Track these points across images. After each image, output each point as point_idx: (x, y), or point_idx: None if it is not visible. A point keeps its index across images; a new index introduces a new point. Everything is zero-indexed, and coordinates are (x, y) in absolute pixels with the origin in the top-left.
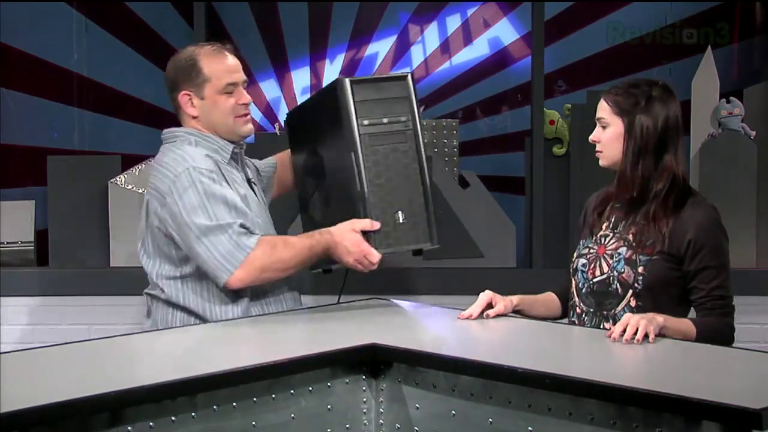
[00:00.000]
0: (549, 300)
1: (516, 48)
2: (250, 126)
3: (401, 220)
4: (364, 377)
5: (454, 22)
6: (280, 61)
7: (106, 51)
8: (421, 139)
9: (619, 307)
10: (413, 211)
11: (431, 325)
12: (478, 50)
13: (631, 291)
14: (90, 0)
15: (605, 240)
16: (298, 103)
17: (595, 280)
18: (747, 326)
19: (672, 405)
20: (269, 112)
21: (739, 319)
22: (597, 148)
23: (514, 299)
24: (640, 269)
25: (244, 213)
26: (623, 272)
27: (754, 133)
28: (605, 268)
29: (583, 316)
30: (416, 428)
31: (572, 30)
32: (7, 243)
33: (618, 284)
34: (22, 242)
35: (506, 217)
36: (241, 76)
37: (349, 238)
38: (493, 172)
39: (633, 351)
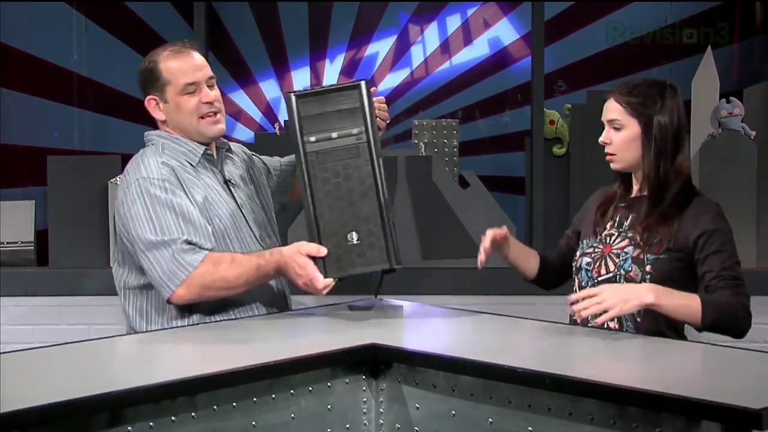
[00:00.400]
0: (532, 256)
1: (516, 48)
2: (219, 126)
3: (355, 241)
4: (364, 377)
5: (454, 22)
6: (280, 61)
7: (106, 51)
8: (376, 153)
9: None
10: (369, 231)
11: (431, 325)
12: (478, 50)
13: None
14: (90, 0)
15: (610, 239)
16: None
17: (600, 278)
18: None
19: (672, 405)
20: (269, 112)
21: None
22: (608, 151)
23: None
24: (648, 268)
25: (195, 225)
26: (630, 271)
27: (754, 133)
28: (611, 267)
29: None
30: (416, 428)
31: (572, 30)
32: (7, 243)
33: (625, 283)
34: (22, 242)
35: (506, 217)
36: (203, 75)
37: (298, 261)
38: (493, 172)
39: (633, 351)
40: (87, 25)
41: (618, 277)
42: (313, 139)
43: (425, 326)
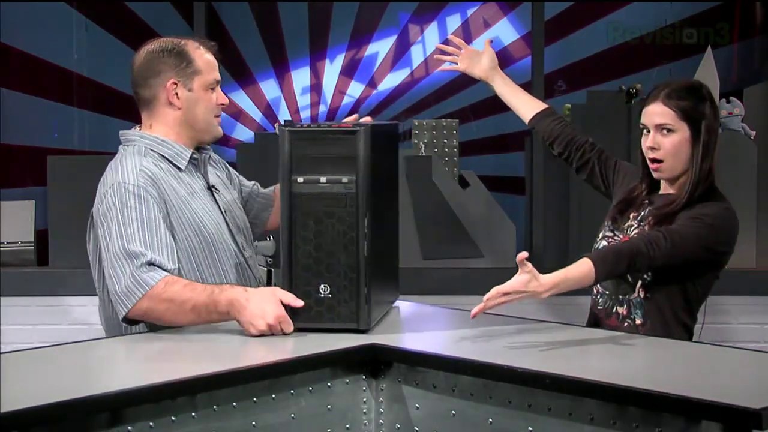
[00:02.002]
0: (535, 105)
1: (516, 48)
2: (221, 129)
3: (323, 295)
4: (364, 377)
5: (454, 22)
6: (280, 61)
7: (106, 51)
8: (364, 205)
9: (634, 295)
10: (342, 286)
11: (431, 325)
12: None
13: (640, 282)
14: (90, 0)
15: (630, 230)
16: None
17: None
18: (747, 326)
19: (672, 405)
20: (269, 112)
21: (738, 319)
22: (656, 156)
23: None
24: None
25: (162, 243)
26: None
27: (754, 133)
28: None
29: (598, 297)
30: (416, 428)
31: (572, 30)
32: (7, 243)
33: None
34: (22, 242)
35: (506, 217)
36: (217, 72)
37: (271, 302)
38: (493, 172)
39: (633, 351)
40: (87, 25)
41: None
42: (300, 180)
43: (425, 326)
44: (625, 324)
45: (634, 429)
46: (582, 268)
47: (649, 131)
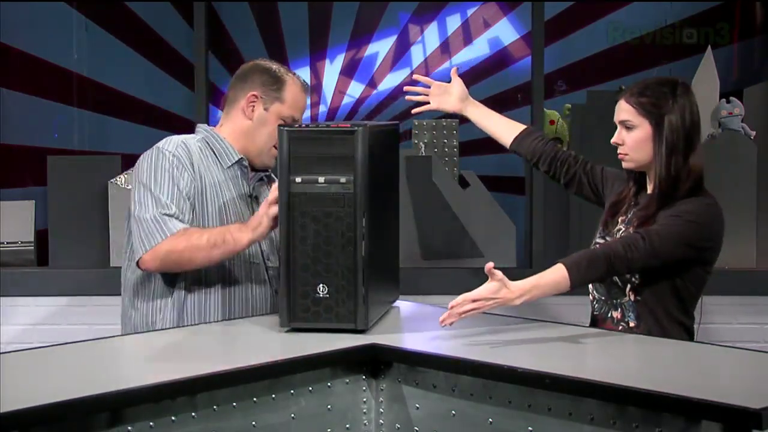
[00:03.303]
0: (513, 128)
1: (516, 48)
2: (274, 162)
3: (323, 295)
4: (364, 377)
5: (454, 22)
6: (280, 61)
7: (106, 51)
8: (362, 205)
9: (625, 298)
10: (339, 287)
11: (431, 325)
12: (478, 50)
13: (629, 285)
14: (90, 0)
15: (619, 234)
16: None
17: None
18: (747, 326)
19: (672, 405)
20: None
21: (738, 319)
22: (621, 151)
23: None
24: None
25: (187, 206)
26: None
27: (754, 133)
28: None
29: (594, 302)
30: (416, 428)
31: (572, 30)
32: (7, 243)
33: (618, 277)
34: (22, 242)
35: (506, 217)
36: (301, 118)
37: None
38: (493, 172)
39: (633, 351)
40: (87, 25)
41: None
42: (298, 179)
43: (425, 326)
44: (620, 327)
45: (634, 429)
46: (555, 274)
47: (617, 127)
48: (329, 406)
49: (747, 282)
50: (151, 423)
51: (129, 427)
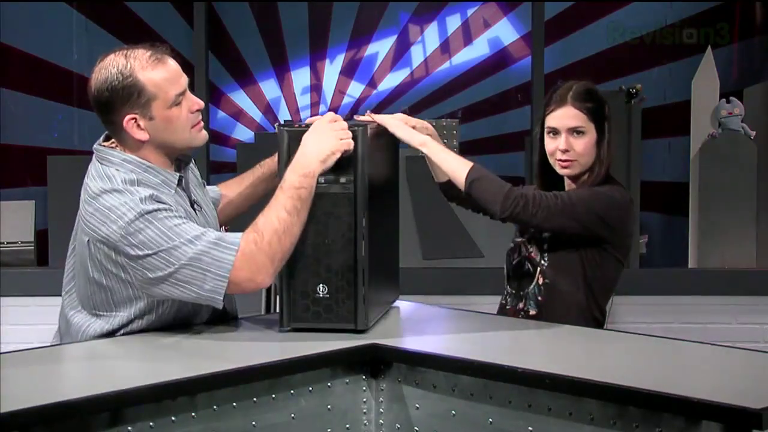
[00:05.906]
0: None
1: (516, 48)
2: (204, 133)
3: (321, 295)
4: (364, 377)
5: (454, 22)
6: (280, 61)
7: (106, 51)
8: (362, 205)
9: (531, 287)
10: (339, 287)
11: (431, 325)
12: (478, 50)
13: (539, 269)
14: (90, 0)
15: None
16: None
17: (513, 263)
18: (747, 326)
19: (672, 405)
20: (269, 112)
21: (738, 319)
22: (568, 158)
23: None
24: (545, 246)
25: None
26: (531, 251)
27: (754, 133)
28: (523, 252)
29: (507, 297)
30: (416, 428)
31: (572, 30)
32: (7, 243)
33: (529, 264)
34: (22, 242)
35: None
36: (185, 80)
37: (325, 144)
38: (493, 172)
39: (633, 351)
40: (87, 25)
41: (523, 259)
42: None
43: (425, 326)
44: (520, 316)
45: (634, 429)
46: (463, 160)
47: (556, 133)
48: (329, 406)
49: (747, 282)
50: (151, 423)
51: (129, 427)
